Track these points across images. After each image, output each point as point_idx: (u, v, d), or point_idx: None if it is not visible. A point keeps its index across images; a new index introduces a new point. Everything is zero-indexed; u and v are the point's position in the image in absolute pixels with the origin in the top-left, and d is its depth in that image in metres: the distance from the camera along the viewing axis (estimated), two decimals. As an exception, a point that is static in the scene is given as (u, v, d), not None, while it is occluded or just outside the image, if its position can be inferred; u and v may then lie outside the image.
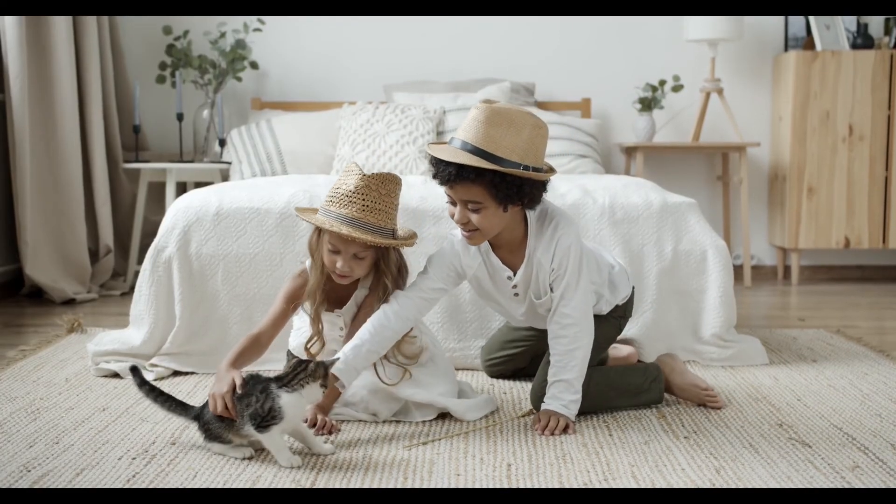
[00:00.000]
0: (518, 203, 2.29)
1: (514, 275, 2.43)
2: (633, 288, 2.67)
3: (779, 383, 2.83)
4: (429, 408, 2.42)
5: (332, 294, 2.44)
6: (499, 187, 2.22)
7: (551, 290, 2.40)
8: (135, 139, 4.76)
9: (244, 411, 2.10)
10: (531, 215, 2.38)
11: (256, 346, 2.34)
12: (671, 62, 5.14)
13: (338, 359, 2.26)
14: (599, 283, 2.53)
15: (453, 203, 2.32)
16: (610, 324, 2.60)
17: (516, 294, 2.47)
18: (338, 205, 2.30)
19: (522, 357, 2.80)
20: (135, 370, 2.24)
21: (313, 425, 2.30)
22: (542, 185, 2.30)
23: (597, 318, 2.49)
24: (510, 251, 2.42)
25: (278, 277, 3.01)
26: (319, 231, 2.37)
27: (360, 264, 2.36)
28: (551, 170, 2.32)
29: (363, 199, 2.29)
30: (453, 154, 2.23)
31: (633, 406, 2.53)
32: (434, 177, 2.29)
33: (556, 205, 2.46)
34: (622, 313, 2.63)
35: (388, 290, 2.38)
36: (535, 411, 2.46)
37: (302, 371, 2.12)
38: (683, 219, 3.17)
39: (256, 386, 2.12)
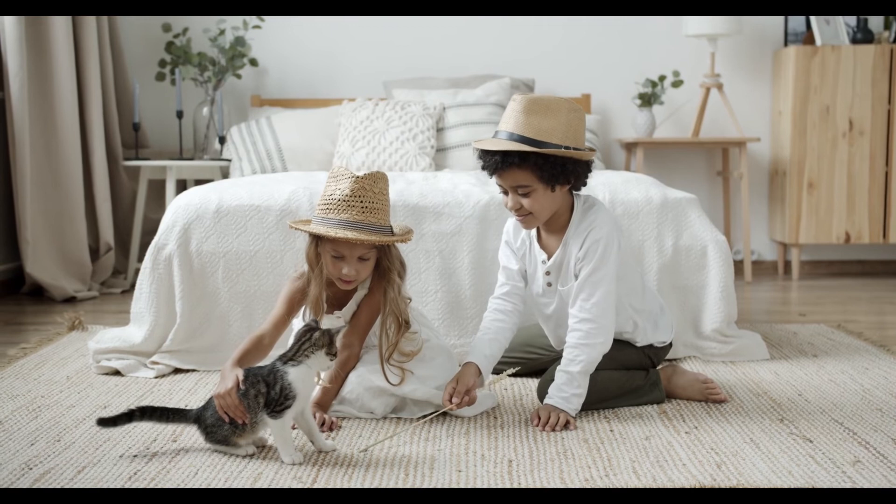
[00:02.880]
0: (564, 182, 2.39)
1: (549, 259, 2.49)
2: (671, 344, 2.69)
3: (780, 378, 2.83)
4: (426, 403, 2.43)
5: (331, 298, 2.44)
6: (543, 168, 2.33)
7: (576, 278, 2.44)
8: (135, 137, 4.75)
9: (254, 406, 2.10)
10: (578, 206, 2.47)
11: (259, 347, 2.33)
12: (671, 57, 5.14)
13: (344, 327, 2.25)
14: (639, 310, 2.57)
15: (505, 192, 2.42)
16: (638, 353, 2.59)
17: (549, 284, 2.52)
18: (336, 211, 2.31)
19: (532, 364, 2.79)
20: (102, 422, 2.12)
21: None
22: (585, 166, 2.41)
23: (628, 344, 2.55)
24: (552, 236, 2.50)
25: (279, 274, 3.01)
26: (317, 242, 2.37)
27: (366, 266, 2.38)
28: (591, 150, 2.41)
29: (361, 202, 2.30)
30: (496, 144, 2.35)
31: (633, 405, 2.53)
32: (483, 168, 2.41)
33: (607, 208, 2.54)
34: (653, 354, 2.62)
35: (395, 283, 2.39)
36: (510, 374, 2.48)
37: (307, 341, 2.11)
38: (684, 214, 3.16)
39: (260, 372, 2.12)
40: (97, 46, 4.55)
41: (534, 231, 2.53)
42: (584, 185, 2.46)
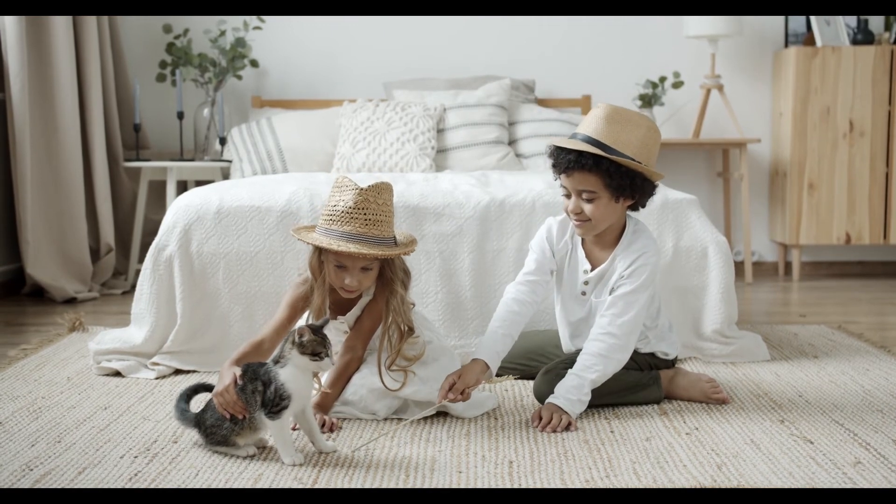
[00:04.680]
0: (629, 197, 2.42)
1: (591, 270, 2.51)
2: (674, 363, 2.68)
3: (780, 379, 2.83)
4: (428, 404, 2.43)
5: (334, 305, 2.45)
6: (613, 176, 2.36)
7: (611, 293, 2.47)
8: (135, 137, 4.75)
9: (252, 402, 2.10)
10: (630, 226, 2.51)
11: (259, 351, 2.33)
12: (671, 58, 5.14)
13: (326, 321, 2.20)
14: (650, 328, 2.59)
15: (568, 195, 2.44)
16: (639, 357, 2.58)
17: (583, 293, 2.54)
18: (339, 223, 2.31)
19: (532, 371, 2.79)
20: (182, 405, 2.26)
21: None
22: (652, 186, 2.45)
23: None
24: (599, 249, 2.52)
25: (279, 275, 3.01)
26: (320, 251, 2.37)
27: (368, 276, 2.38)
28: (659, 175, 2.46)
29: (364, 214, 2.30)
30: (573, 143, 2.38)
31: (631, 402, 2.54)
32: (554, 166, 2.44)
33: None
34: (653, 362, 2.62)
35: (397, 293, 2.39)
36: (510, 377, 2.52)
37: (286, 342, 2.12)
38: (684, 215, 3.17)
39: (258, 370, 2.12)
40: (98, 47, 4.55)
41: (578, 238, 2.55)
42: (644, 205, 2.49)
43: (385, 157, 4.33)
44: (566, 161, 2.38)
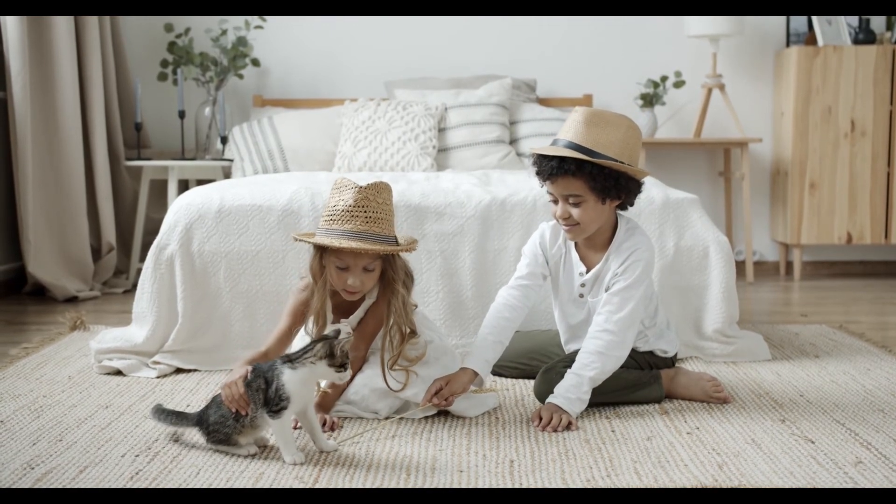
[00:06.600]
0: (615, 197, 2.43)
1: (587, 272, 2.52)
2: (674, 362, 2.69)
3: (781, 379, 2.83)
4: (430, 404, 2.42)
5: (337, 308, 2.44)
6: (597, 179, 2.37)
7: (607, 290, 2.48)
8: (136, 137, 4.76)
9: (256, 399, 2.10)
10: (622, 224, 2.51)
11: (265, 360, 2.33)
12: (672, 58, 5.14)
13: (348, 339, 2.17)
14: (648, 326, 2.60)
15: (555, 201, 2.45)
16: (638, 356, 2.59)
17: (581, 295, 2.55)
18: (340, 222, 2.30)
19: (532, 371, 2.80)
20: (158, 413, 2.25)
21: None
22: (637, 185, 2.45)
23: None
24: (593, 251, 2.53)
25: (280, 274, 3.01)
26: (321, 253, 2.37)
27: (371, 276, 2.37)
28: (644, 171, 2.46)
29: (364, 212, 2.30)
30: (554, 150, 2.39)
31: (631, 401, 2.54)
32: (537, 173, 2.44)
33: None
34: (652, 361, 2.62)
35: (399, 294, 2.38)
36: (492, 390, 2.55)
37: (309, 350, 2.11)
38: (685, 215, 3.16)
39: (263, 369, 2.12)
40: (99, 46, 4.55)
41: (571, 242, 2.55)
42: (632, 204, 2.49)
43: (386, 156, 4.33)
44: (549, 168, 2.39)
